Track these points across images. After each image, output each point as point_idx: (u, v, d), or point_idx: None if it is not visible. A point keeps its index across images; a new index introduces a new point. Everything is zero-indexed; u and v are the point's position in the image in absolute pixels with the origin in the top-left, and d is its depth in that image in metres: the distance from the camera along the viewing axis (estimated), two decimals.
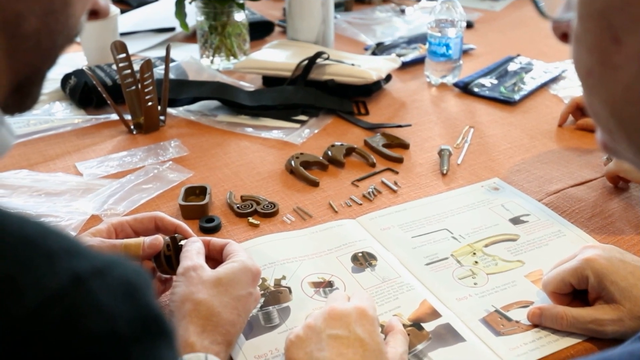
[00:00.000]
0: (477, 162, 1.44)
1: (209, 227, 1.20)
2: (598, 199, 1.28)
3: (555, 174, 1.38)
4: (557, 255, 1.05)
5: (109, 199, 1.27)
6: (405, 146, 1.51)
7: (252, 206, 1.25)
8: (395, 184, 1.35)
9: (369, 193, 1.31)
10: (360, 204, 1.28)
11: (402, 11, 2.50)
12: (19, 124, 1.59)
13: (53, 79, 1.75)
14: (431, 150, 1.49)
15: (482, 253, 1.14)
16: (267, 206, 1.25)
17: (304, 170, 1.37)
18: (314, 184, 1.35)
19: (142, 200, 1.29)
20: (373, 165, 1.42)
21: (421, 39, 2.09)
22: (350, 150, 1.46)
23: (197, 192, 1.28)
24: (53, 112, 1.68)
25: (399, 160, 1.44)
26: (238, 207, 1.25)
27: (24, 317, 0.42)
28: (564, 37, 0.57)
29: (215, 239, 1.02)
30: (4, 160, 1.41)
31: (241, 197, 1.29)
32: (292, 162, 1.39)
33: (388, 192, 1.32)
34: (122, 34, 2.02)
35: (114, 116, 1.61)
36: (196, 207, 1.23)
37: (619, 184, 1.31)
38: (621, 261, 0.96)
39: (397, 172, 1.40)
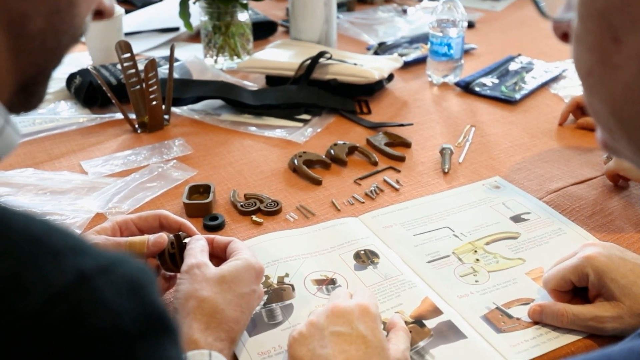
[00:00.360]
0: (479, 161, 1.45)
1: (212, 225, 1.20)
2: (598, 197, 1.29)
3: (556, 172, 1.39)
4: (558, 253, 1.05)
5: (114, 197, 1.28)
6: (407, 145, 1.51)
7: (255, 204, 1.26)
8: (398, 182, 1.35)
9: (371, 191, 1.31)
10: (363, 202, 1.29)
11: (404, 11, 2.51)
12: (25, 123, 1.60)
13: (58, 78, 1.75)
14: (433, 149, 1.49)
15: (483, 251, 1.15)
16: (270, 204, 1.26)
17: (307, 169, 1.38)
18: (317, 182, 1.36)
19: (146, 198, 1.29)
20: (375, 163, 1.43)
21: (423, 38, 2.10)
22: (352, 149, 1.47)
23: (201, 190, 1.29)
24: (58, 111, 1.69)
25: (401, 159, 1.45)
26: (241, 206, 1.25)
27: (29, 314, 0.42)
28: (564, 37, 0.57)
29: (219, 237, 1.02)
30: (10, 159, 1.42)
31: (244, 195, 1.30)
32: (295, 161, 1.40)
33: (390, 191, 1.33)
34: (127, 34, 2.03)
35: (119, 115, 1.61)
36: (200, 205, 1.24)
37: (618, 182, 1.32)
38: (621, 259, 0.96)
39: (399, 171, 1.41)
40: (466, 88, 1.79)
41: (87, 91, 1.69)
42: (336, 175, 1.39)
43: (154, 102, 1.54)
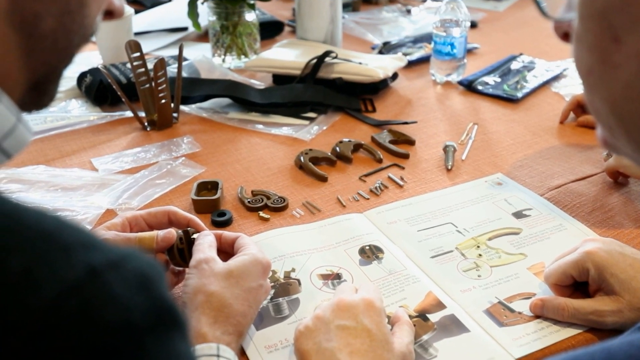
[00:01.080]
0: (481, 158, 1.46)
1: (220, 221, 1.21)
2: (598, 194, 1.30)
3: (557, 169, 1.40)
4: (559, 248, 1.06)
5: (124, 194, 1.29)
6: (411, 142, 1.53)
7: (262, 201, 1.27)
8: (402, 179, 1.37)
9: (376, 188, 1.33)
10: (368, 199, 1.30)
11: (408, 11, 2.51)
12: (36, 120, 1.61)
13: (69, 77, 1.77)
14: (436, 146, 1.51)
15: (485, 246, 1.16)
16: (277, 201, 1.27)
17: (313, 166, 1.40)
18: (323, 179, 1.37)
19: (155, 195, 1.31)
20: (380, 161, 1.44)
21: (426, 38, 2.10)
22: (357, 147, 1.48)
23: (209, 187, 1.30)
24: (69, 109, 1.70)
25: (405, 156, 1.46)
26: (249, 202, 1.27)
27: (41, 309, 0.43)
28: (565, 36, 0.58)
29: (226, 233, 1.03)
30: (22, 156, 1.43)
31: (252, 191, 1.31)
32: (302, 158, 1.41)
33: (394, 187, 1.35)
34: (137, 34, 2.04)
35: (129, 113, 1.63)
36: (208, 201, 1.25)
37: (618, 179, 1.33)
38: (621, 254, 0.97)
39: (403, 168, 1.42)
40: (469, 87, 1.80)
41: (98, 90, 1.70)
42: (341, 172, 1.41)
43: (163, 101, 1.56)
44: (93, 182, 1.35)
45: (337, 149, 1.46)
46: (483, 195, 1.31)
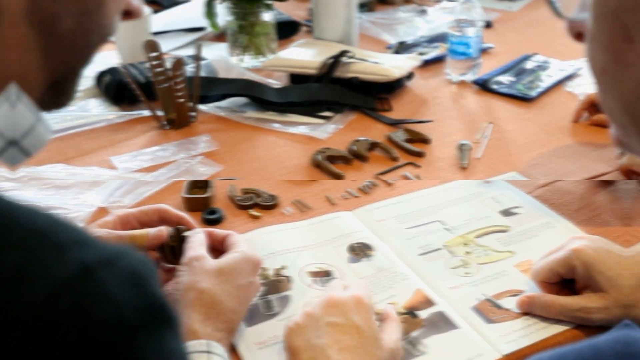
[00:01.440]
0: (496, 157, 1.46)
1: (211, 219, 1.23)
2: (585, 192, 1.30)
3: (571, 167, 1.39)
4: (546, 246, 1.06)
5: (115, 192, 1.31)
6: (426, 141, 1.53)
7: (252, 199, 1.28)
8: (418, 177, 1.38)
9: (365, 186, 1.34)
10: (357, 197, 1.31)
11: (424, 11, 2.48)
12: (56, 119, 1.62)
13: (88, 76, 1.79)
14: (451, 145, 1.51)
15: (474, 244, 1.17)
16: (267, 199, 1.29)
17: (330, 164, 1.41)
18: (339, 177, 1.38)
19: (147, 193, 1.32)
20: (395, 159, 1.45)
21: (442, 38, 2.08)
22: (373, 145, 1.49)
23: (200, 185, 1.32)
24: (88, 108, 1.72)
25: (421, 155, 1.47)
26: (239, 200, 1.28)
27: (34, 305, 0.44)
28: (578, 36, 0.59)
29: (217, 231, 1.05)
30: (41, 155, 1.42)
31: (242, 190, 1.32)
32: (318, 157, 1.43)
33: (384, 185, 1.36)
34: (154, 34, 2.04)
35: (147, 112, 1.65)
36: (199, 199, 1.27)
37: (631, 177, 1.32)
38: (607, 251, 0.97)
39: (419, 166, 1.43)
40: (483, 86, 1.80)
41: (116, 89, 1.71)
42: (358, 171, 1.41)
43: (181, 100, 1.58)
44: (84, 180, 1.37)
45: (353, 147, 1.47)
46: (471, 193, 1.31)
